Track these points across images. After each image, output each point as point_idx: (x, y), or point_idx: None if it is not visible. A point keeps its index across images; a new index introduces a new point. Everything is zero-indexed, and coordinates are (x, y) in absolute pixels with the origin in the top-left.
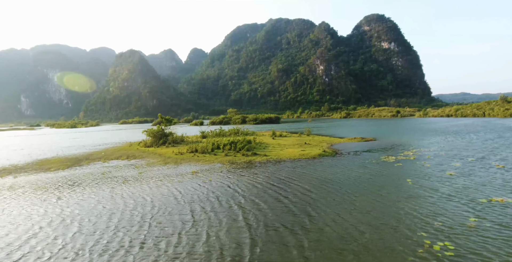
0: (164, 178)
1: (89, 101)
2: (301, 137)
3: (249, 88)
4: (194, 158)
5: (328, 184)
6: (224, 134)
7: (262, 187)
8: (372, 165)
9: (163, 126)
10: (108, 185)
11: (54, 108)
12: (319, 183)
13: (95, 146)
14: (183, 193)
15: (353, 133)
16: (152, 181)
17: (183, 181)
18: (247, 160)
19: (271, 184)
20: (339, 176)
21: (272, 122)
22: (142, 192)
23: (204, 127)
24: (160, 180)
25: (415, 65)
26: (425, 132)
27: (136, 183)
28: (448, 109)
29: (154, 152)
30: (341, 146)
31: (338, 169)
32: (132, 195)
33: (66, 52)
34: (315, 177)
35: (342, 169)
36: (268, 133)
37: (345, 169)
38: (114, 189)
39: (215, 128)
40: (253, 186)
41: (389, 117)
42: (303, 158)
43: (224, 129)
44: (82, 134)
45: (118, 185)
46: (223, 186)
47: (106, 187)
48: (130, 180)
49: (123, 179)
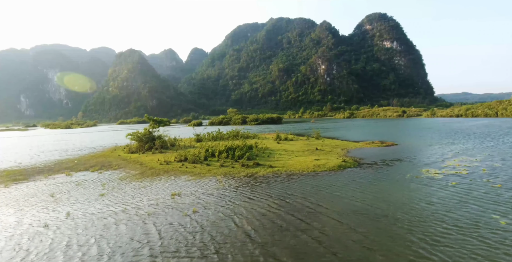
0: (128, 206)
1: (88, 101)
2: (309, 141)
3: (250, 87)
4: (182, 169)
5: (375, 219)
6: (222, 137)
7: (274, 226)
8: (416, 183)
9: (151, 128)
10: (34, 221)
11: (54, 108)
12: (360, 216)
13: (78, 151)
14: (142, 242)
15: (365, 135)
16: (106, 214)
17: (154, 214)
18: (248, 173)
19: (287, 220)
20: (382, 205)
21: (274, 123)
22: (73, 238)
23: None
24: (122, 209)
25: (418, 64)
26: (448, 134)
27: (79, 218)
28: (458, 109)
29: (136, 161)
30: (360, 153)
31: (374, 190)
32: (49, 249)
33: (66, 52)
34: (349, 204)
35: (380, 190)
36: (272, 135)
37: (384, 191)
38: (34, 234)
39: (214, 130)
40: (260, 224)
41: (395, 117)
42: (319, 170)
43: (223, 131)
44: (73, 136)
45: (52, 219)
46: (213, 223)
47: (24, 227)
48: (76, 210)
49: (66, 210)
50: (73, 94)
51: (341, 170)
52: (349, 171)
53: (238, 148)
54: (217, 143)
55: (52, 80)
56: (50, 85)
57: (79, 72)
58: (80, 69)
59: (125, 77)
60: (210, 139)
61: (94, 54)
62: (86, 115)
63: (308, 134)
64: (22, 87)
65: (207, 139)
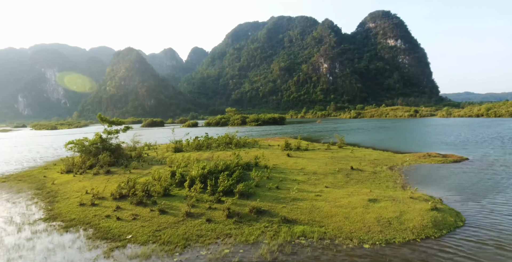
0: None
1: (85, 101)
2: (332, 151)
3: (251, 87)
4: (104, 226)
5: None
6: (209, 145)
7: None
8: None
9: (106, 134)
10: None
11: (52, 108)
12: None
13: (13, 165)
14: None
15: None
16: None
17: None
18: (239, 241)
19: None
20: None
21: (276, 123)
22: None
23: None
24: None
25: (422, 63)
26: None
27: None
28: (477, 109)
29: (50, 193)
30: (428, 177)
31: None
32: None
33: (65, 51)
34: None
35: None
36: (277, 142)
37: None
38: None
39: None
40: None
41: (407, 117)
42: (397, 239)
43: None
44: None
45: None
46: None
47: None
48: None
49: None
50: (72, 94)
51: (444, 235)
52: (463, 239)
53: (225, 174)
54: (199, 156)
55: (50, 79)
56: (48, 85)
57: (77, 71)
58: (79, 69)
59: (123, 76)
60: (194, 148)
61: (93, 54)
62: (83, 115)
63: (322, 138)
64: (19, 86)
65: (190, 147)
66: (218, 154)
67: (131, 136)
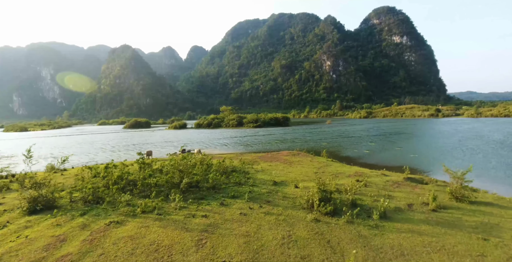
0: None
1: (79, 100)
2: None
3: (251, 85)
4: None
5: None
6: (158, 183)
7: None
8: None
9: None
10: None
11: (48, 107)
12: None
13: None
14: None
15: (475, 158)
16: None
17: None
18: None
19: None
20: None
21: (279, 125)
22: None
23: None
24: None
25: (429, 60)
26: None
27: None
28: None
29: None
30: None
31: None
32: None
33: (62, 49)
34: None
35: None
36: (301, 169)
37: None
38: None
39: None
40: None
41: (427, 117)
42: None
43: (176, 152)
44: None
45: None
46: None
47: None
48: None
49: None
50: (68, 93)
51: None
52: None
53: None
54: None
55: (46, 78)
56: (44, 84)
57: (74, 70)
58: (76, 67)
59: (118, 74)
60: (81, 199)
61: (90, 52)
62: (77, 115)
63: (356, 149)
64: (14, 85)
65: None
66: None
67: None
